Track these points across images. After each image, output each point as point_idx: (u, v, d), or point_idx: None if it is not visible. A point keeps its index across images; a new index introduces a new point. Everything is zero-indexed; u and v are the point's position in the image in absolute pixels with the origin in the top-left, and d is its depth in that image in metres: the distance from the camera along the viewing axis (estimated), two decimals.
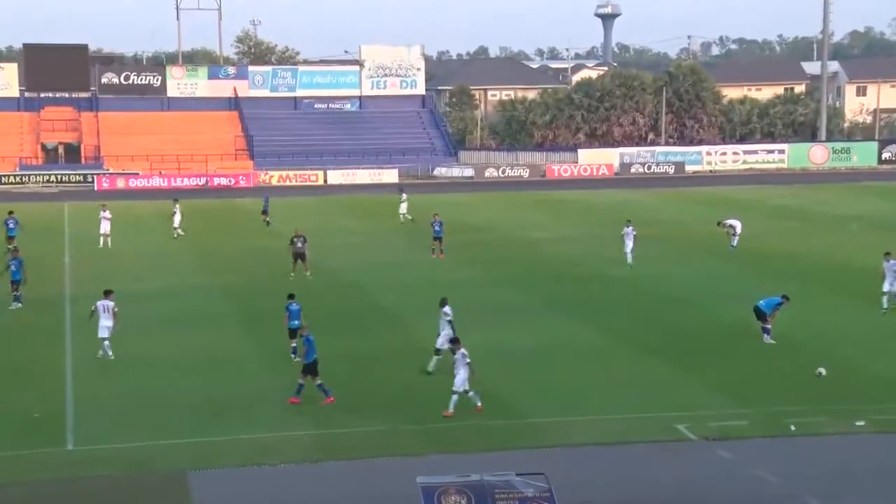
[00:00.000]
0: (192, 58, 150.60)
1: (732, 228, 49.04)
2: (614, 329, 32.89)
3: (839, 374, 27.11)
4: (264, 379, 27.82)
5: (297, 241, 42.90)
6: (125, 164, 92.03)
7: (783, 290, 31.79)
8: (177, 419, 24.38)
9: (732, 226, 49.18)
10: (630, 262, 43.53)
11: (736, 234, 48.77)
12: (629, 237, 44.23)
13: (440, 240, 47.49)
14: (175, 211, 55.38)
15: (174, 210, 55.45)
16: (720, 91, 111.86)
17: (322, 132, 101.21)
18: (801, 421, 23.69)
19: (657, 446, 22.48)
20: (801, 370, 27.72)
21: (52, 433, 23.49)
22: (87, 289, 40.54)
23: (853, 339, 31.29)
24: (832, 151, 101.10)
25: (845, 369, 27.70)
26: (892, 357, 29.10)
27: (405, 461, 21.38)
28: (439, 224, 47.70)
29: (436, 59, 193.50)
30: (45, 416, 24.69)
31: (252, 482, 20.94)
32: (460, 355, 24.24)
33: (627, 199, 75.22)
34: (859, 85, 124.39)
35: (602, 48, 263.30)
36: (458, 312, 35.26)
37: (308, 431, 23.55)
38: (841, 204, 69.21)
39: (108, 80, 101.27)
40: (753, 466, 21.18)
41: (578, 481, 20.32)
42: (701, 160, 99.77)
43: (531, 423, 24.09)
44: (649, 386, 26.70)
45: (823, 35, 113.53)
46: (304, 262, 42.59)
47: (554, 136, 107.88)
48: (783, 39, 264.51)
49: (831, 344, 30.53)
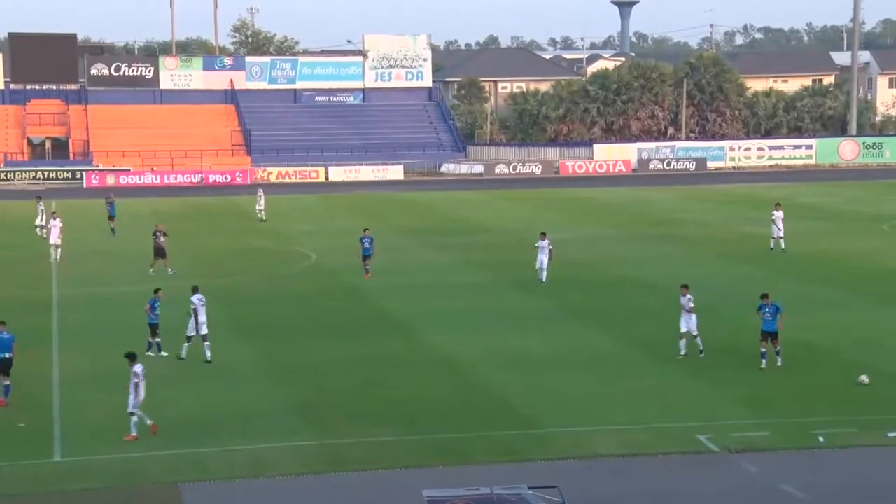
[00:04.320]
0: (186, 48, 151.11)
1: (775, 224, 48.25)
2: (633, 336, 32.88)
3: (870, 383, 27.06)
4: (261, 388, 27.86)
5: (159, 236, 44.81)
6: (116, 160, 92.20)
7: (813, 296, 31.59)
8: (169, 430, 24.40)
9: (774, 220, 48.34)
10: (544, 280, 40.95)
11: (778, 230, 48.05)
12: (543, 251, 41.38)
13: (369, 258, 43.18)
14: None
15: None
16: (744, 83, 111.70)
17: (323, 126, 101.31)
18: (830, 432, 23.66)
19: (678, 458, 22.47)
20: (830, 379, 27.68)
21: (39, 444, 23.53)
22: (76, 293, 40.73)
23: (887, 347, 31.19)
24: (863, 147, 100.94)
25: (877, 378, 27.61)
26: None
27: (412, 473, 21.40)
28: (370, 241, 43.36)
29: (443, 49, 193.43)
30: (31, 425, 24.74)
31: (248, 495, 20.96)
32: (138, 372, 23.72)
33: (646, 197, 75.25)
34: (892, 76, 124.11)
35: (619, 38, 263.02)
36: (469, 317, 35.62)
37: (310, 442, 23.58)
38: (873, 203, 69.08)
39: (97, 71, 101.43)
40: (779, 480, 21.13)
41: (594, 495, 20.32)
42: (724, 156, 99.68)
43: (545, 432, 24.10)
44: (670, 396, 26.69)
45: (854, 23, 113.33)
46: (164, 257, 44.48)
47: (568, 131, 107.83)
48: (811, 28, 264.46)
49: (863, 352, 30.43)
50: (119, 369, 29.34)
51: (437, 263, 47.35)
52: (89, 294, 40.62)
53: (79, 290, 41.31)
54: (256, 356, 31.16)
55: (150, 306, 30.54)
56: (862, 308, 36.58)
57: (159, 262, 44.36)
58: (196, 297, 30.25)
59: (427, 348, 31.80)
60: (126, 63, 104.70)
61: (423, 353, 31.11)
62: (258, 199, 63.64)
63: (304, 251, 51.35)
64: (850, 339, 32.22)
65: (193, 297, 30.26)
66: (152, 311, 30.50)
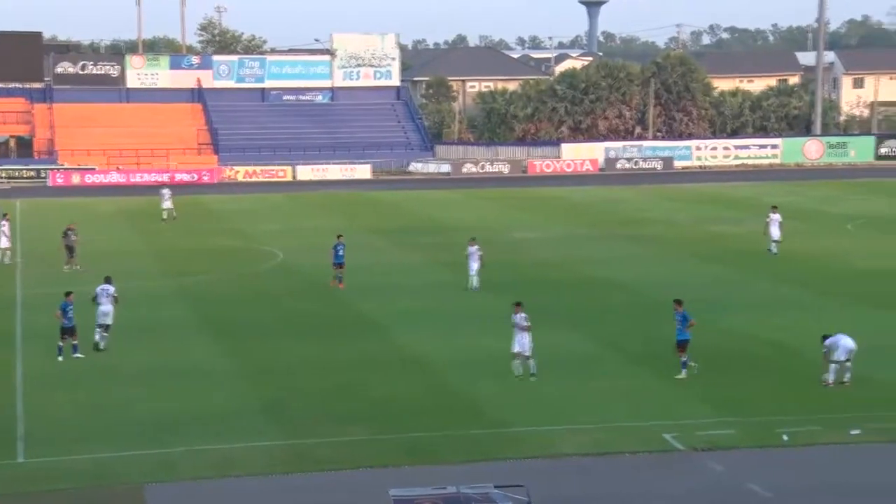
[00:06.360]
0: (152, 46, 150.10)
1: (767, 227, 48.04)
2: (601, 336, 32.99)
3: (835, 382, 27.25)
4: (231, 388, 27.75)
5: (71, 234, 45.55)
6: (81, 159, 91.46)
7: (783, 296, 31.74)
8: (134, 430, 24.26)
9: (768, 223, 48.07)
10: (476, 286, 40.11)
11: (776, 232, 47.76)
12: (473, 257, 40.50)
13: (341, 266, 41.30)
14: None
15: None
16: (711, 83, 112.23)
17: (291, 125, 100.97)
18: (794, 430, 23.84)
19: (645, 457, 22.55)
20: (795, 379, 27.87)
21: (1, 445, 23.30)
22: (41, 292, 40.36)
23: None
24: (828, 146, 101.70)
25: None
26: (889, 365, 29.25)
27: (381, 472, 21.38)
28: (343, 247, 41.53)
29: (411, 48, 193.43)
30: None
31: (212, 496, 20.87)
32: None
33: (614, 196, 75.45)
34: (856, 76, 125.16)
35: (587, 37, 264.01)
36: (438, 318, 35.59)
37: (278, 442, 23.50)
38: (837, 202, 69.61)
39: (63, 69, 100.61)
40: (745, 479, 21.25)
41: (561, 494, 20.37)
42: (690, 155, 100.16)
43: (514, 432, 24.14)
44: (637, 395, 26.79)
45: (819, 24, 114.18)
46: (73, 255, 45.19)
47: (536, 130, 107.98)
48: (777, 29, 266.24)
49: None
50: (83, 370, 29.24)
51: (406, 263, 47.30)
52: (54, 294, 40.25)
53: (41, 291, 40.96)
54: (225, 356, 31.01)
55: (62, 310, 30.02)
56: (830, 309, 36.70)
57: (72, 260, 45.01)
58: (100, 288, 31.51)
59: (398, 348, 31.77)
60: (92, 61, 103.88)
61: (394, 353, 31.08)
62: (162, 199, 62.73)
63: (271, 250, 51.16)
64: (816, 339, 32.33)
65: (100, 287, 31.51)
66: (65, 315, 29.98)
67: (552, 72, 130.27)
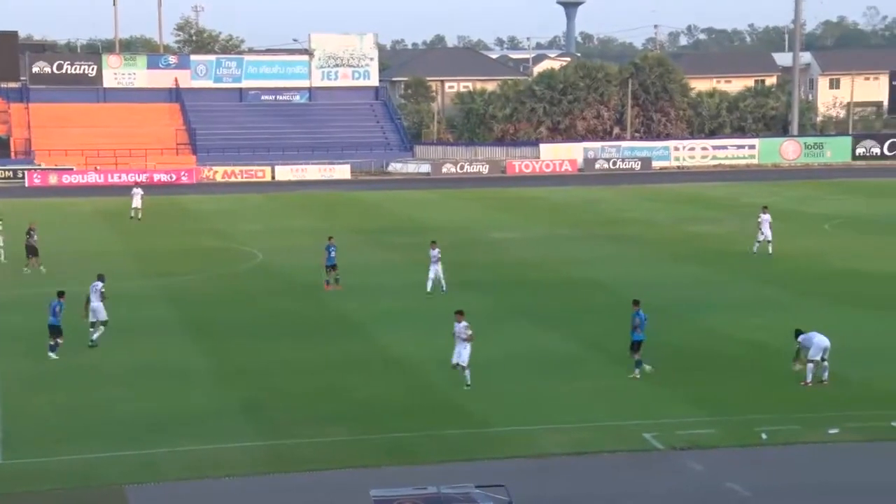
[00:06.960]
0: (130, 46, 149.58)
1: (759, 227, 48.10)
2: (581, 336, 33.06)
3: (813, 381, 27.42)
4: (212, 388, 27.69)
5: (33, 234, 45.45)
6: (58, 159, 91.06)
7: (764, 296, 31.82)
8: (115, 430, 24.18)
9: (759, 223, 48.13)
10: (444, 289, 39.48)
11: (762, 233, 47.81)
12: (436, 261, 40.03)
13: (334, 268, 40.94)
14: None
15: None
16: (688, 83, 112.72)
17: (269, 125, 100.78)
18: (773, 429, 23.98)
19: (625, 456, 22.64)
20: (774, 378, 28.01)
21: None
22: (18, 294, 40.19)
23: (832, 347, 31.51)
24: (804, 146, 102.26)
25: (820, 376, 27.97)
26: (867, 364, 29.46)
27: (362, 473, 21.37)
28: (334, 248, 41.03)
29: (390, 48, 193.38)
30: None
31: (194, 497, 20.84)
32: None
33: (593, 196, 75.64)
34: (832, 77, 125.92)
35: (565, 38, 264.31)
36: (418, 317, 35.61)
37: (258, 443, 23.47)
38: (814, 202, 69.99)
39: (39, 69, 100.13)
40: (725, 478, 21.36)
41: (542, 493, 20.42)
42: (668, 155, 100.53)
43: (495, 432, 24.19)
44: (617, 395, 26.87)
45: (795, 25, 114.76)
46: (36, 256, 45.02)
47: (514, 131, 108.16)
48: (754, 29, 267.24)
49: None
50: (62, 371, 29.14)
51: (386, 263, 47.29)
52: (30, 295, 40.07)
53: (17, 292, 40.77)
54: (206, 356, 30.93)
55: (52, 310, 30.14)
56: (809, 309, 36.78)
57: (32, 261, 44.83)
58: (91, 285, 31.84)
59: (379, 348, 31.77)
60: (69, 61, 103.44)
61: (376, 353, 31.07)
62: (133, 198, 62.94)
63: (250, 251, 51.06)
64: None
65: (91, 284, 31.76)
66: (53, 314, 30.16)
67: (530, 72, 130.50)
